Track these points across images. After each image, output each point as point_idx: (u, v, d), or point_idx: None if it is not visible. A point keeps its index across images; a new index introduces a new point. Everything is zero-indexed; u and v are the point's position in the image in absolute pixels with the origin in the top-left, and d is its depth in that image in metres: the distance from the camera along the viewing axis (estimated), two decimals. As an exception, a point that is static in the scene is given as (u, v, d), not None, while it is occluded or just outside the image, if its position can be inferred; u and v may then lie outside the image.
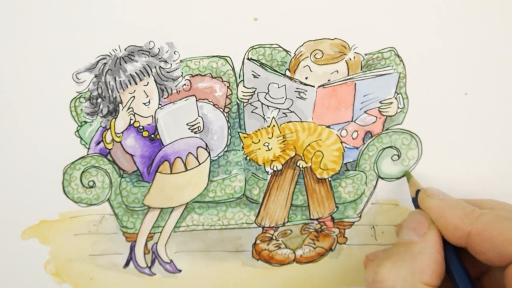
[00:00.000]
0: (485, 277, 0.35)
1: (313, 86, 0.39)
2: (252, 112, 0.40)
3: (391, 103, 0.40)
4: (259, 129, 0.40)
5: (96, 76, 0.38)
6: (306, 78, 0.39)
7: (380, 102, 0.40)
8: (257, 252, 0.43)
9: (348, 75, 0.39)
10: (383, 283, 0.31)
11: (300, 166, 0.41)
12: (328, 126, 0.40)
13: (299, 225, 0.43)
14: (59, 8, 0.36)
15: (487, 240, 0.30)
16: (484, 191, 0.42)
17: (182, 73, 0.38)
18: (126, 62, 0.38)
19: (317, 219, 0.43)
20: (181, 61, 0.38)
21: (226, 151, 0.41)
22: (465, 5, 0.38)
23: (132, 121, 0.39)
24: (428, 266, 0.31)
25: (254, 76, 0.39)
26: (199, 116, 0.40)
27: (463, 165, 0.41)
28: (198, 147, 0.40)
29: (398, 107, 0.40)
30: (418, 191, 0.37)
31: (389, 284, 0.31)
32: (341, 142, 0.41)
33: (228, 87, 0.39)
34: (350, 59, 0.39)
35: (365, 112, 0.40)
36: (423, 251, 0.32)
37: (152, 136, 0.40)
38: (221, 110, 0.40)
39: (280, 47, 0.38)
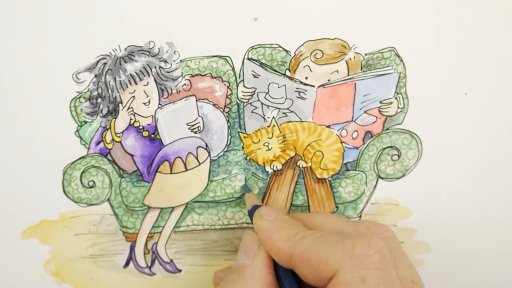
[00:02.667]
0: None
1: (313, 86, 0.39)
2: (252, 112, 0.40)
3: (391, 103, 0.40)
4: (259, 129, 0.40)
5: (96, 76, 0.38)
6: (306, 78, 0.39)
7: (380, 102, 0.40)
8: (257, 252, 0.43)
9: (348, 75, 0.39)
10: None
11: (300, 166, 0.41)
12: (328, 126, 0.40)
13: (299, 225, 0.43)
14: (59, 8, 0.36)
15: (306, 262, 0.30)
16: (484, 191, 0.42)
17: (182, 73, 0.38)
18: (126, 62, 0.38)
19: (317, 219, 0.43)
20: (181, 61, 0.38)
21: (226, 151, 0.41)
22: (465, 5, 0.38)
23: (132, 121, 0.39)
24: None
25: (254, 76, 0.39)
26: (199, 116, 0.40)
27: (463, 165, 0.42)
28: (198, 147, 0.40)
29: (398, 107, 0.40)
30: (255, 206, 0.37)
31: None
32: (341, 142, 0.41)
33: (228, 87, 0.39)
34: (350, 59, 0.39)
35: (365, 112, 0.40)
36: (253, 276, 0.32)
37: (152, 136, 0.40)
38: (221, 110, 0.40)
39: (280, 47, 0.38)
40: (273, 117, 0.40)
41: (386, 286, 0.28)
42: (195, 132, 0.40)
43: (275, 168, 0.41)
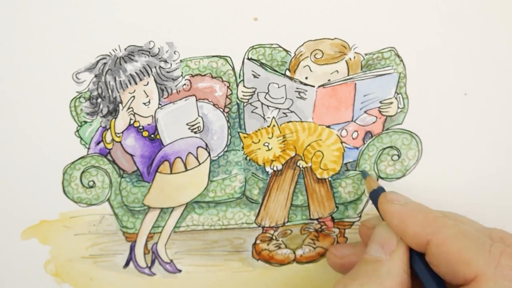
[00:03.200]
0: None
1: (313, 86, 0.39)
2: (252, 112, 0.40)
3: (391, 103, 0.40)
4: (259, 129, 0.40)
5: (96, 76, 0.38)
6: (306, 78, 0.39)
7: (380, 102, 0.40)
8: (257, 252, 0.43)
9: (348, 75, 0.39)
10: None
11: (300, 166, 0.41)
12: (328, 126, 0.40)
13: (299, 225, 0.43)
14: (59, 8, 0.36)
15: (444, 255, 0.30)
16: (484, 191, 0.42)
17: (182, 73, 0.38)
18: (126, 62, 0.38)
19: (317, 219, 0.43)
20: (181, 61, 0.38)
21: (226, 151, 0.41)
22: (465, 5, 0.38)
23: (132, 121, 0.39)
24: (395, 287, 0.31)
25: (254, 76, 0.39)
26: (199, 116, 0.40)
27: (463, 165, 0.42)
28: (198, 147, 0.40)
29: (398, 107, 0.40)
30: (374, 190, 0.37)
31: None
32: (341, 142, 0.41)
33: (228, 87, 0.39)
34: (350, 59, 0.39)
35: (365, 112, 0.40)
36: (391, 272, 0.31)
37: (152, 136, 0.40)
38: (221, 110, 0.40)
39: (280, 47, 0.38)
40: (273, 117, 0.40)
41: None
42: (195, 132, 0.40)
43: (275, 168, 0.41)
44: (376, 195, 0.36)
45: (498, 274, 0.28)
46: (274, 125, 0.40)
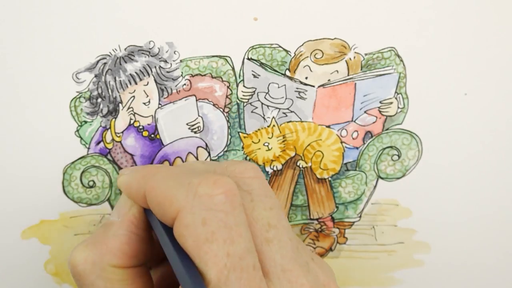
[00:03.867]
0: None
1: (313, 86, 0.39)
2: (252, 112, 0.40)
3: (391, 103, 0.40)
4: (259, 129, 0.40)
5: (96, 76, 0.38)
6: (306, 78, 0.39)
7: (380, 102, 0.40)
8: (257, 252, 0.43)
9: (348, 75, 0.39)
10: (75, 268, 0.31)
11: (300, 166, 0.41)
12: (328, 126, 0.40)
13: (299, 225, 0.43)
14: (59, 8, 0.36)
15: (154, 199, 0.29)
16: (484, 191, 0.42)
17: (182, 73, 0.38)
18: (126, 62, 0.38)
19: (317, 219, 0.43)
20: (181, 61, 0.38)
21: (226, 151, 0.41)
22: (465, 6, 0.38)
23: (132, 121, 0.39)
24: (119, 248, 0.31)
25: (254, 76, 0.39)
26: (199, 116, 0.40)
27: (463, 165, 0.41)
28: (198, 147, 0.40)
29: (398, 107, 0.40)
30: None
31: (80, 269, 0.31)
32: (341, 142, 0.41)
33: (228, 87, 0.39)
34: (350, 59, 0.39)
35: (365, 112, 0.40)
36: (117, 233, 0.31)
37: (152, 136, 0.40)
38: (221, 110, 0.40)
39: (280, 47, 0.38)
40: (273, 117, 0.40)
41: (227, 228, 0.26)
42: (195, 132, 0.40)
43: (275, 168, 0.41)
44: None
45: (196, 205, 0.26)
46: (274, 125, 0.40)
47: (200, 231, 0.26)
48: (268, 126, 0.40)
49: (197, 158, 0.40)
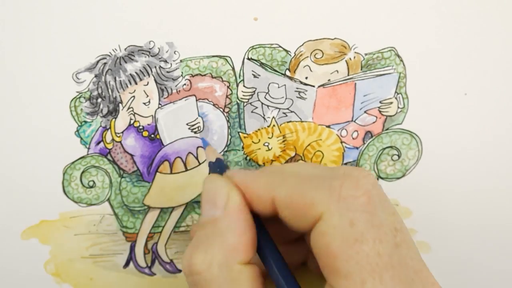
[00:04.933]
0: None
1: (313, 86, 0.39)
2: (252, 112, 0.40)
3: (391, 103, 0.40)
4: (259, 129, 0.40)
5: (96, 76, 0.38)
6: (306, 78, 0.39)
7: (380, 102, 0.40)
8: (257, 252, 0.43)
9: (348, 75, 0.39)
10: (199, 275, 0.28)
11: (300, 166, 0.41)
12: (328, 126, 0.40)
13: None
14: (59, 7, 0.36)
15: (289, 205, 0.28)
16: (484, 191, 0.42)
17: (182, 73, 0.38)
18: (126, 62, 0.38)
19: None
20: (181, 61, 0.38)
21: (226, 151, 0.41)
22: (465, 5, 0.38)
23: (132, 121, 0.39)
24: (240, 242, 0.29)
25: (254, 76, 0.39)
26: (199, 116, 0.40)
27: (463, 165, 0.42)
28: (198, 147, 0.40)
29: (398, 107, 0.40)
30: (213, 163, 0.34)
31: (207, 275, 0.28)
32: (341, 142, 0.41)
33: (228, 87, 0.39)
34: (350, 59, 0.39)
35: (365, 112, 0.40)
36: (230, 226, 0.29)
37: (152, 136, 0.40)
38: (221, 110, 0.40)
39: (280, 47, 0.38)
40: (273, 117, 0.40)
41: (375, 229, 0.26)
42: (195, 132, 0.40)
43: (275, 168, 0.41)
44: (215, 167, 0.34)
45: (342, 206, 0.27)
46: (274, 125, 0.40)
47: (349, 232, 0.26)
48: (268, 126, 0.40)
49: (197, 158, 0.40)
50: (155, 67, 0.38)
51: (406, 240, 0.29)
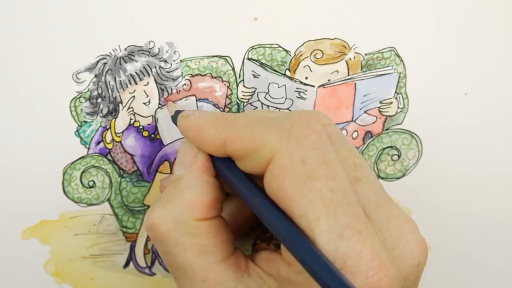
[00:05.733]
0: None
1: (313, 86, 0.39)
2: (252, 112, 0.40)
3: (391, 103, 0.40)
4: (259, 129, 0.40)
5: (96, 76, 0.38)
6: (306, 78, 0.39)
7: (380, 102, 0.40)
8: (257, 252, 0.43)
9: (348, 75, 0.39)
10: (156, 230, 0.30)
11: (300, 166, 0.41)
12: (328, 126, 0.40)
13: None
14: (58, 7, 0.36)
15: (240, 146, 0.28)
16: (484, 191, 0.42)
17: (182, 73, 0.38)
18: (126, 62, 0.38)
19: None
20: (181, 61, 0.38)
21: (226, 151, 0.41)
22: (465, 5, 0.38)
23: (132, 121, 0.39)
24: (198, 200, 0.29)
25: (254, 76, 0.39)
26: (199, 116, 0.40)
27: (463, 165, 0.42)
28: (198, 147, 0.40)
29: (398, 107, 0.40)
30: (176, 112, 0.35)
31: (162, 230, 0.29)
32: (341, 142, 0.41)
33: (228, 87, 0.39)
34: (350, 59, 0.39)
35: (365, 112, 0.40)
36: (190, 185, 0.30)
37: (152, 136, 0.40)
38: (221, 110, 0.40)
39: (280, 47, 0.38)
40: (273, 117, 0.40)
41: (327, 165, 0.26)
42: (195, 132, 0.40)
43: (275, 168, 0.41)
44: (175, 118, 0.35)
45: (292, 145, 0.26)
46: (274, 125, 0.40)
47: (300, 170, 0.26)
48: (268, 126, 0.40)
49: (197, 158, 0.40)
50: (155, 67, 0.38)
51: (366, 175, 0.28)
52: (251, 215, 0.36)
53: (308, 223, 0.25)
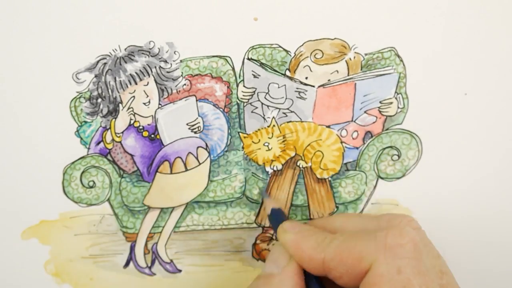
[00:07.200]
0: None
1: (313, 86, 0.39)
2: (252, 112, 0.40)
3: (391, 103, 0.40)
4: (259, 129, 0.40)
5: (96, 76, 0.38)
6: (306, 78, 0.39)
7: (380, 102, 0.40)
8: (257, 252, 0.43)
9: (348, 75, 0.39)
10: None
11: (300, 166, 0.41)
12: (328, 126, 0.40)
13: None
14: (59, 8, 0.36)
15: (339, 263, 0.30)
16: (484, 191, 0.42)
17: (182, 73, 0.38)
18: (126, 62, 0.38)
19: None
20: (181, 61, 0.38)
21: (226, 151, 0.41)
22: (465, 5, 0.38)
23: (132, 121, 0.39)
24: None
25: (254, 76, 0.39)
26: (199, 116, 0.40)
27: (463, 165, 0.42)
28: (198, 147, 0.40)
29: (398, 107, 0.40)
30: (273, 211, 0.38)
31: None
32: (341, 142, 0.41)
33: (228, 87, 0.39)
34: (350, 59, 0.39)
35: (365, 112, 0.40)
36: (281, 284, 0.32)
37: (152, 136, 0.40)
38: (221, 110, 0.40)
39: (280, 47, 0.38)
40: (273, 117, 0.40)
41: (421, 276, 0.28)
42: (195, 132, 0.40)
43: (275, 168, 0.41)
44: (275, 214, 0.38)
45: (388, 255, 0.28)
46: (274, 125, 0.40)
47: (396, 279, 0.28)
48: (268, 126, 0.40)
49: (197, 158, 0.40)
50: (155, 67, 0.38)
51: (450, 282, 0.30)
52: None
53: None
